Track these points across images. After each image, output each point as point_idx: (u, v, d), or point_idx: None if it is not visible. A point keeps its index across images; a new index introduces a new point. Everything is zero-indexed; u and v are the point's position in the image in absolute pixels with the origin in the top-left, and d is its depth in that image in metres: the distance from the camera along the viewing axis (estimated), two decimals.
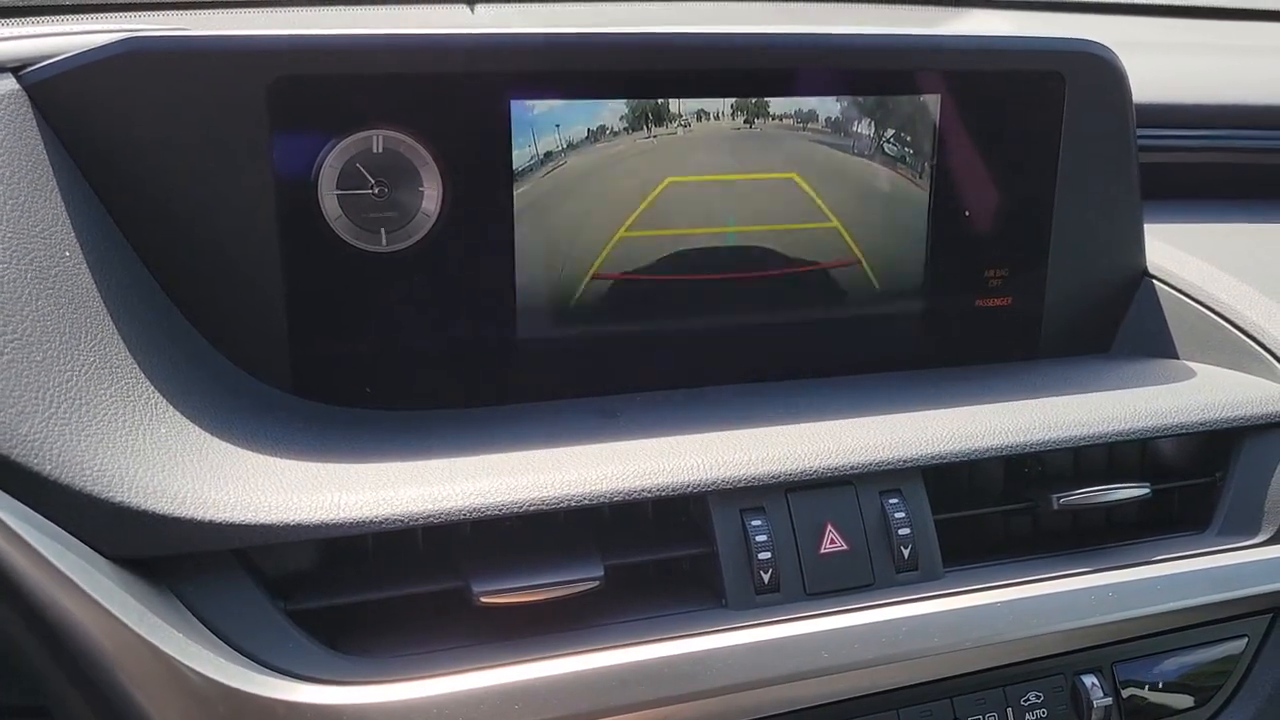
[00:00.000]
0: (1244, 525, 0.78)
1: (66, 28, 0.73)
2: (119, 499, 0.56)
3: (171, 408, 0.64)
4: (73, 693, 0.55)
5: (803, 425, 0.73)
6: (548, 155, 0.75)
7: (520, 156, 0.74)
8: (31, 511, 0.54)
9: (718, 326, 0.81)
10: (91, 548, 0.55)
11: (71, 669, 0.54)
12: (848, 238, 0.82)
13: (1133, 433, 0.76)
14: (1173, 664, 0.73)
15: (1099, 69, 0.85)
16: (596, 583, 0.65)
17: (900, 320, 0.85)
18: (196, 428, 0.64)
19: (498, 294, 0.76)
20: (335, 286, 0.73)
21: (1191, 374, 0.85)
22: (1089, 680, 0.71)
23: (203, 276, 0.71)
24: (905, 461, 0.71)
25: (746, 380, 0.82)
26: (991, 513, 0.76)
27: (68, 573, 0.53)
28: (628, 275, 0.78)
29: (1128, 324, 0.92)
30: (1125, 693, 0.72)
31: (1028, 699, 0.70)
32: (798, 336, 0.83)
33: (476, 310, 0.76)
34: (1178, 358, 0.88)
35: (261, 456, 0.65)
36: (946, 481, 0.75)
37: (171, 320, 0.70)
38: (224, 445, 0.64)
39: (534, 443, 0.70)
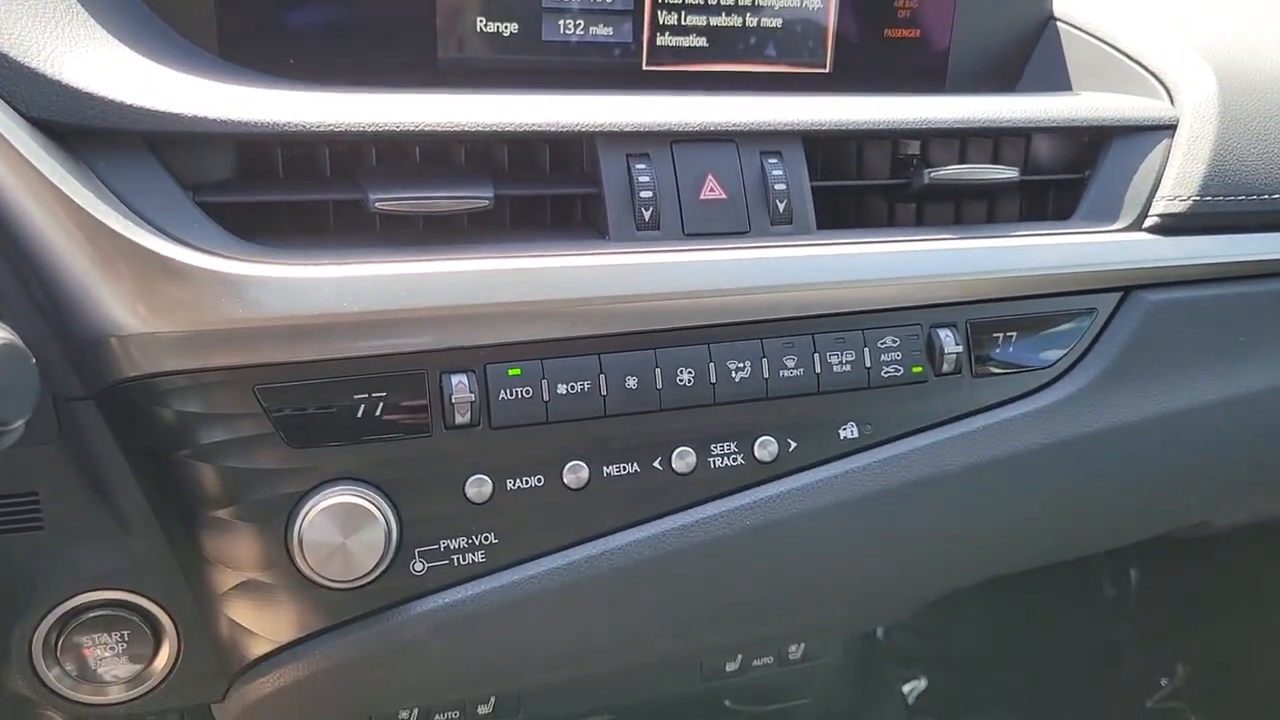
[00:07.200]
0: (1104, 214, 0.83)
1: None
2: (35, 65, 0.61)
3: (104, 32, 0.67)
4: None
5: (696, 98, 0.78)
6: None
7: None
8: None
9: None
10: (7, 103, 0.60)
11: None
12: None
13: (1007, 122, 0.81)
14: (1024, 325, 0.79)
15: None
16: (486, 203, 0.70)
17: (810, 42, 0.89)
18: (125, 47, 0.68)
19: None
20: None
21: (1075, 93, 0.89)
22: (943, 332, 0.77)
23: None
24: (786, 125, 0.76)
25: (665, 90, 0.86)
26: (867, 185, 0.81)
27: None
28: None
29: (1032, 65, 0.97)
30: (977, 346, 0.78)
31: (884, 342, 0.76)
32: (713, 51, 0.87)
33: None
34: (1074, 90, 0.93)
35: (181, 74, 0.69)
36: (833, 162, 0.80)
37: None
38: (146, 62, 0.68)
39: (447, 105, 0.74)
